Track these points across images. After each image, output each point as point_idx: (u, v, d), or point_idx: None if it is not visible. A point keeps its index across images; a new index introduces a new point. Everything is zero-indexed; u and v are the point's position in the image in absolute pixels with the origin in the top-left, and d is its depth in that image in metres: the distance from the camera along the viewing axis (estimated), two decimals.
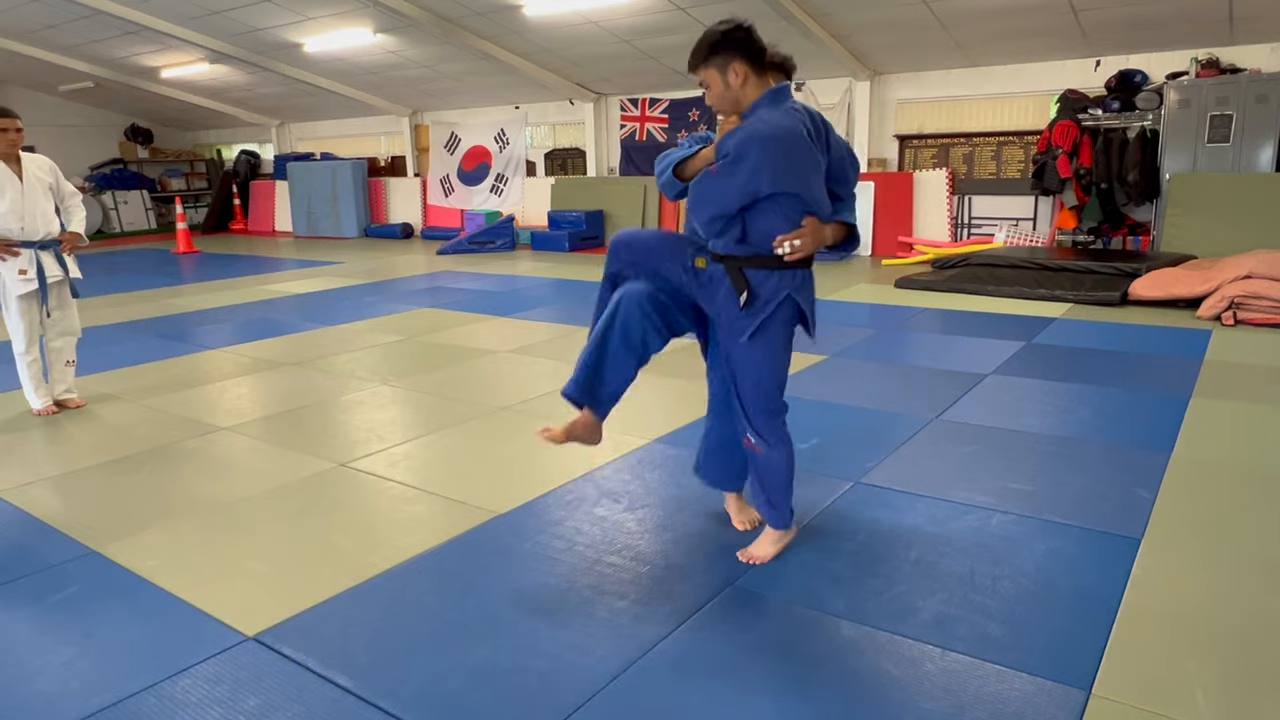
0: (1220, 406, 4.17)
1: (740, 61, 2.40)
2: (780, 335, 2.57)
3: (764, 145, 2.34)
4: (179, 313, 7.64)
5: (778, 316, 2.53)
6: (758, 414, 2.60)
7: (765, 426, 2.62)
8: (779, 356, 2.59)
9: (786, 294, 2.52)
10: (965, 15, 8.16)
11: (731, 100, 2.45)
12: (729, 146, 2.38)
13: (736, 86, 2.42)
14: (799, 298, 2.55)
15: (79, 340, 4.75)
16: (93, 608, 2.59)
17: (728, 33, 2.40)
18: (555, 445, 3.93)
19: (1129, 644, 2.24)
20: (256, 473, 3.68)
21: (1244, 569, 2.64)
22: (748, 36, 2.42)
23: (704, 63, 2.43)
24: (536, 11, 9.20)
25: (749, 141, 2.35)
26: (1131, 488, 3.23)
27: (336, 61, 12.02)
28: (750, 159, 2.35)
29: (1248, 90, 7.77)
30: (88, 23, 10.98)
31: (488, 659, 2.26)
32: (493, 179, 13.52)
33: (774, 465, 2.66)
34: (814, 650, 2.27)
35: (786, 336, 2.59)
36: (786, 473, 2.68)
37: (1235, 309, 5.94)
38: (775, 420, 2.63)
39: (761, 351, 2.55)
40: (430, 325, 6.73)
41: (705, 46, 2.42)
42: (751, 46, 2.42)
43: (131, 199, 16.17)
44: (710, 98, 2.47)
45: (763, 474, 2.68)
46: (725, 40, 2.40)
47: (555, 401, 4.56)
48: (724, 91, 2.44)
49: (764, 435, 2.62)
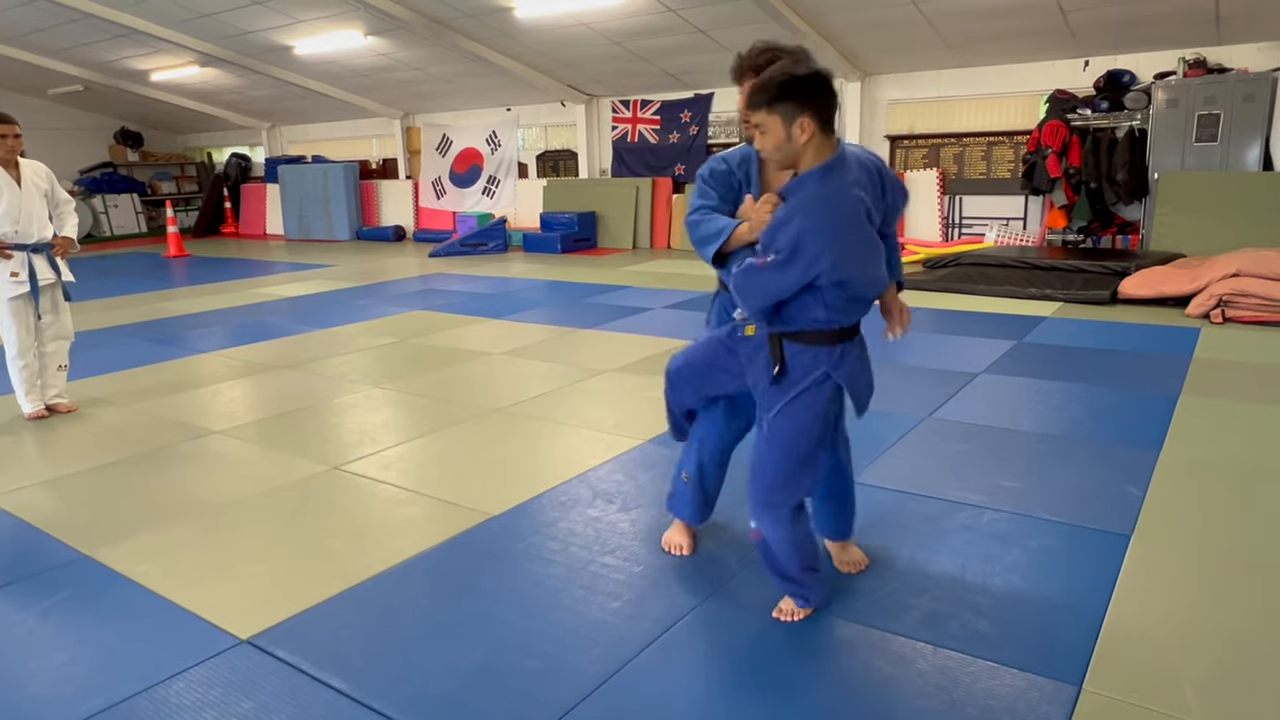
0: (1209, 404, 4.20)
1: (811, 118, 2.07)
2: (808, 419, 2.27)
3: (821, 235, 2.07)
4: (170, 316, 7.62)
5: (810, 396, 2.26)
6: (756, 498, 2.37)
7: (759, 513, 2.37)
8: (798, 444, 2.28)
9: (823, 372, 2.25)
10: (955, 16, 8.20)
11: (788, 156, 2.14)
12: (783, 240, 2.10)
13: (799, 143, 2.09)
14: (838, 376, 2.27)
15: (71, 345, 4.75)
16: (85, 612, 2.58)
17: (805, 79, 2.06)
18: (551, 447, 3.94)
19: (1119, 640, 2.26)
20: (249, 476, 3.68)
21: (1232, 565, 2.67)
22: (826, 89, 2.09)
23: (768, 105, 2.08)
24: (527, 13, 9.20)
25: (807, 234, 2.07)
26: (1121, 485, 3.25)
27: (327, 64, 12.01)
28: (806, 253, 2.07)
29: (1235, 90, 7.83)
30: (77, 26, 10.94)
31: (482, 660, 2.26)
32: (485, 181, 13.52)
33: (775, 549, 2.39)
34: (807, 649, 2.28)
35: (816, 423, 2.29)
36: (781, 558, 2.39)
37: (1223, 307, 5.98)
38: (771, 512, 2.35)
39: (784, 431, 2.29)
40: (423, 328, 6.73)
41: (775, 87, 2.07)
42: (828, 102, 2.09)
43: (121, 202, 16.12)
44: (763, 144, 2.14)
45: (764, 558, 2.44)
46: (799, 87, 2.06)
47: (548, 403, 4.57)
48: (783, 144, 2.11)
49: (760, 518, 2.38)
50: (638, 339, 6.00)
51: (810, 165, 2.13)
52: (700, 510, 2.85)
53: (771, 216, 2.25)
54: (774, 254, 2.12)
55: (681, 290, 7.96)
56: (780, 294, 2.17)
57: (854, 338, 2.30)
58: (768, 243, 2.16)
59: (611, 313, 7.03)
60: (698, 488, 2.80)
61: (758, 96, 2.10)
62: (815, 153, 2.12)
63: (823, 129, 2.10)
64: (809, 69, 2.09)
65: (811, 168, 2.13)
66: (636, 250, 11.58)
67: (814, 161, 2.12)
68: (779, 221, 2.15)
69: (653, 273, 9.35)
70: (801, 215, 2.10)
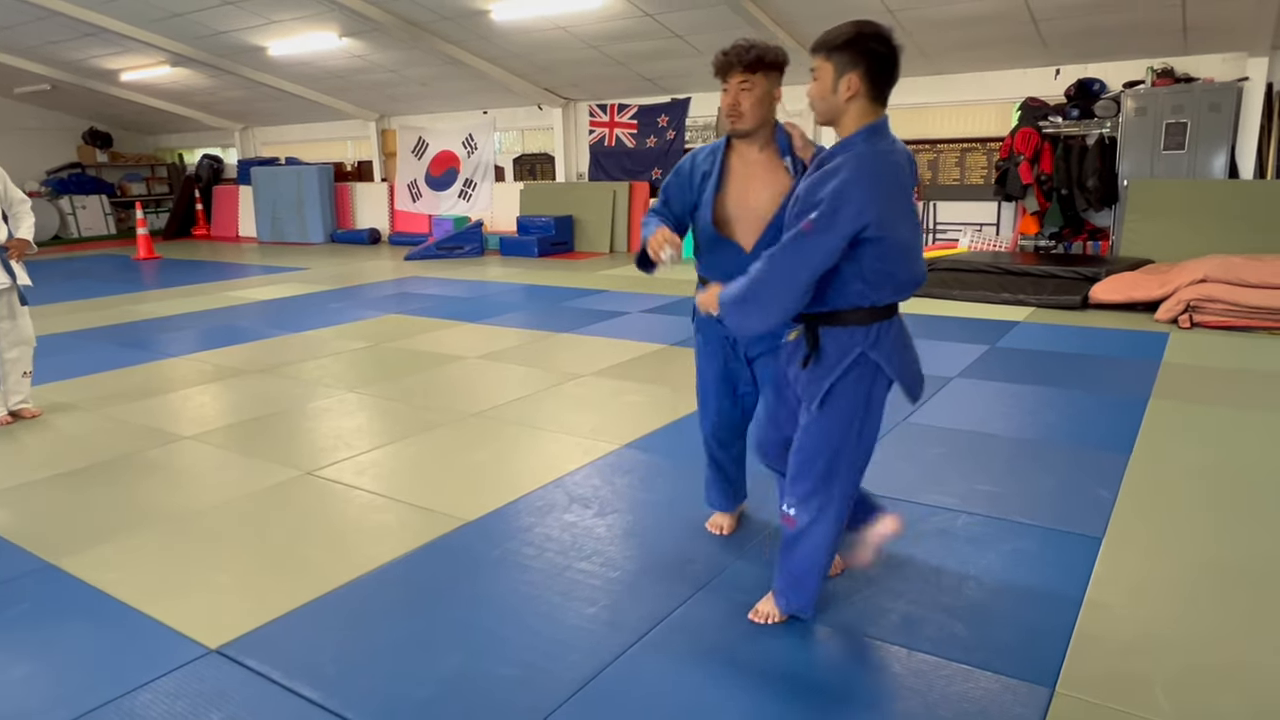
0: (1178, 408, 4.27)
1: (860, 78, 2.02)
2: (854, 406, 2.18)
3: (865, 188, 1.99)
4: (139, 320, 7.49)
5: (851, 381, 2.16)
6: (798, 490, 2.26)
7: (800, 505, 2.27)
8: (843, 435, 2.19)
9: (859, 352, 2.14)
10: (929, 24, 8.29)
11: (829, 109, 2.09)
12: (826, 192, 2.01)
13: (842, 98, 2.05)
14: (877, 355, 2.15)
15: (34, 350, 4.63)
16: (49, 622, 2.52)
17: (871, 37, 2.02)
18: (527, 452, 3.92)
19: (1091, 642, 2.28)
20: (220, 482, 3.62)
21: (1202, 567, 2.70)
22: (887, 58, 2.03)
23: (827, 51, 2.05)
24: (504, 16, 9.17)
25: (851, 185, 1.99)
26: (1093, 488, 3.29)
27: (301, 65, 11.89)
28: (851, 205, 1.99)
29: (1201, 99, 7.98)
30: (44, 24, 10.75)
31: (457, 668, 2.24)
32: (461, 184, 13.45)
33: (803, 545, 2.29)
34: (783, 653, 2.28)
35: (863, 409, 2.19)
36: (808, 557, 2.30)
37: (1191, 312, 6.08)
38: (817, 508, 2.25)
39: (826, 422, 2.19)
40: (398, 331, 6.67)
41: (840, 34, 2.03)
42: (884, 70, 2.03)
43: (90, 204, 15.84)
44: (811, 90, 2.10)
45: (788, 549, 2.33)
46: (861, 43, 2.01)
47: (524, 408, 4.55)
48: (827, 94, 2.07)
49: (799, 508, 2.27)
50: (615, 343, 5.99)
51: (851, 129, 2.07)
52: (723, 494, 2.95)
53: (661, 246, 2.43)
54: (815, 211, 2.01)
55: (659, 294, 7.96)
56: (824, 263, 2.04)
57: (891, 318, 2.19)
58: (807, 202, 2.05)
59: (588, 317, 7.01)
60: (713, 471, 2.92)
61: (821, 37, 2.07)
62: (857, 116, 2.06)
63: (871, 94, 2.04)
64: (881, 31, 2.02)
65: (853, 131, 2.07)
66: (614, 254, 11.57)
67: (855, 125, 2.07)
68: (819, 179, 2.04)
69: (630, 277, 9.35)
70: (846, 169, 2.01)
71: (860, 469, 2.28)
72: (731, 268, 2.53)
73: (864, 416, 2.21)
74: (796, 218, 2.08)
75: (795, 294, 2.09)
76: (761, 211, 2.50)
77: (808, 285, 2.08)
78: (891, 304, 2.18)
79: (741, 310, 2.16)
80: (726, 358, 2.70)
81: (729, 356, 2.70)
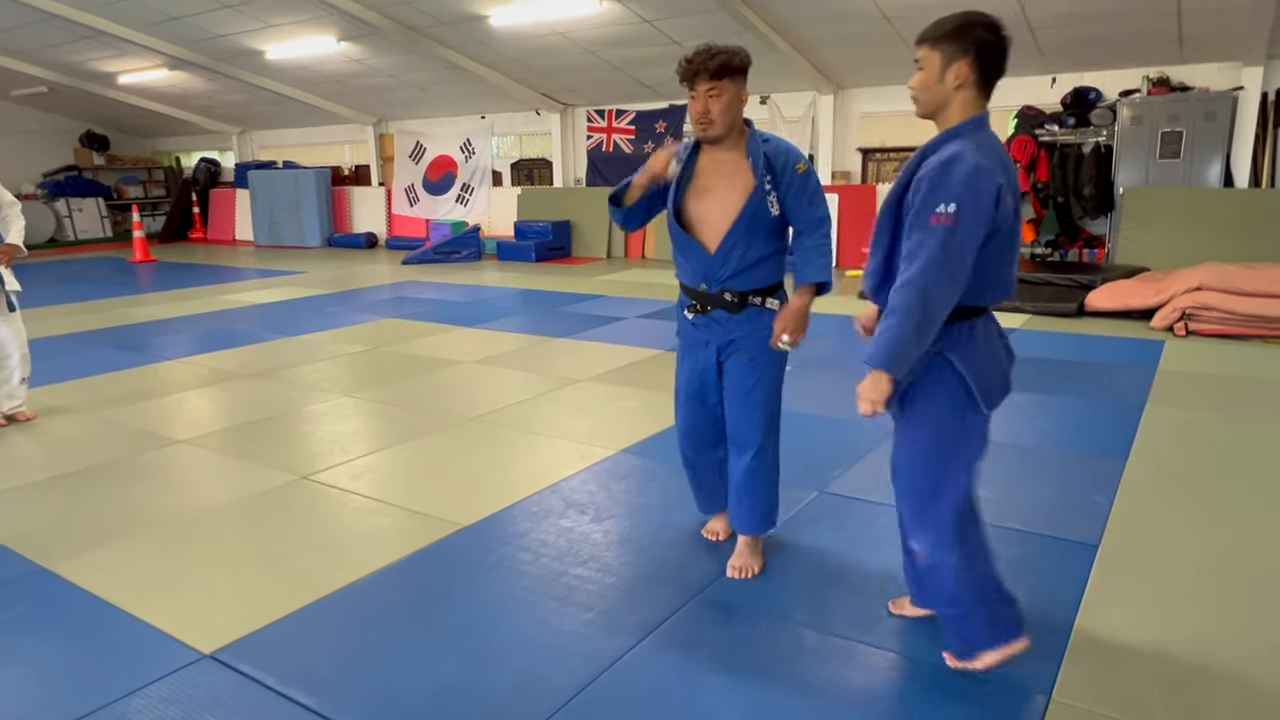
0: (1174, 415, 4.28)
1: (969, 65, 1.93)
2: (939, 413, 2.03)
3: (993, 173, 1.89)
4: (135, 323, 7.48)
5: (931, 385, 2.02)
6: (907, 516, 2.16)
7: (916, 533, 2.14)
8: (930, 446, 2.05)
9: (935, 352, 1.99)
10: None
11: (934, 100, 1.99)
12: (955, 178, 1.86)
13: (949, 87, 1.95)
14: (955, 358, 2.00)
15: (28, 354, 4.58)
16: (42, 626, 2.51)
17: (980, 24, 1.93)
18: (524, 457, 3.91)
19: (1088, 649, 2.28)
20: (215, 486, 3.61)
21: (1197, 574, 2.71)
22: (999, 45, 1.94)
23: (934, 40, 1.97)
24: (503, 22, 9.19)
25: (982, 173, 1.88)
26: (1089, 495, 3.29)
27: (300, 69, 11.90)
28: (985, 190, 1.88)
29: (1197, 108, 8.01)
30: (42, 27, 10.74)
31: (453, 673, 2.23)
32: (458, 189, 13.45)
33: (937, 578, 2.13)
34: (779, 659, 2.28)
35: (950, 415, 2.03)
36: (953, 587, 2.10)
37: (1187, 320, 6.10)
38: (931, 531, 2.09)
39: (911, 433, 2.09)
40: (395, 336, 6.66)
41: (948, 22, 1.95)
42: (995, 61, 1.95)
43: (86, 206, 15.81)
44: (915, 81, 2.01)
45: (931, 586, 2.19)
46: (971, 32, 1.93)
47: (521, 412, 4.54)
48: (932, 85, 1.97)
49: (919, 537, 2.13)
50: (611, 348, 5.99)
51: (955, 120, 1.97)
52: (706, 499, 2.95)
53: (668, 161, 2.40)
54: (947, 204, 1.85)
55: (655, 300, 7.96)
56: (974, 251, 1.89)
57: (976, 319, 2.02)
58: (933, 192, 1.88)
59: (585, 322, 7.01)
60: (689, 476, 2.93)
61: (928, 27, 1.98)
62: (963, 107, 1.96)
63: (979, 85, 1.96)
64: (991, 19, 1.93)
65: (958, 123, 1.97)
66: (611, 260, 11.58)
67: (960, 116, 1.97)
68: (940, 168, 1.89)
69: (627, 282, 9.35)
70: (970, 155, 1.88)
71: (966, 484, 2.07)
72: (699, 268, 2.57)
73: (957, 428, 2.04)
74: (920, 213, 1.91)
75: (956, 294, 1.91)
76: (726, 211, 2.51)
77: (964, 282, 1.91)
78: (978, 306, 2.02)
79: (917, 342, 1.92)
80: (701, 367, 2.68)
81: (704, 366, 2.68)
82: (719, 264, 2.53)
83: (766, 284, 2.58)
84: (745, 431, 2.65)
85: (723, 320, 2.59)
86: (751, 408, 2.62)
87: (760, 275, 2.56)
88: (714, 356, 2.65)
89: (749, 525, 2.74)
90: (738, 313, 2.57)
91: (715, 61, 2.42)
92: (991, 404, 2.06)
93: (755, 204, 2.48)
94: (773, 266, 2.58)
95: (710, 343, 2.64)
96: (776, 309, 2.58)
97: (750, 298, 2.56)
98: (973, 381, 2.01)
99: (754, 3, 8.12)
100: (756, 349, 2.58)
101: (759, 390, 2.61)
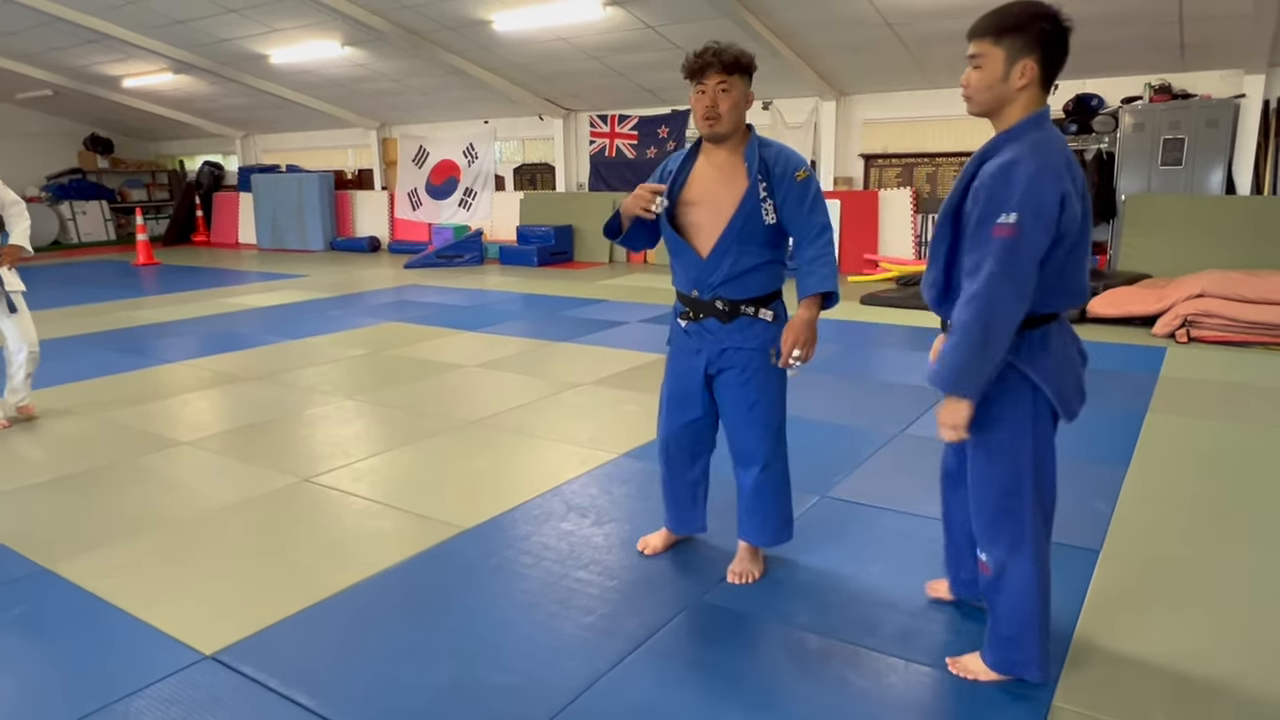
0: (1175, 422, 4.27)
1: (1036, 63, 1.83)
2: (1015, 425, 1.96)
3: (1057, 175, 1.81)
4: (137, 325, 7.49)
5: (1003, 396, 1.94)
6: (981, 529, 2.06)
7: (989, 545, 2.05)
8: (1015, 458, 1.97)
9: (1006, 363, 1.90)
10: (928, 39, 8.34)
11: (995, 99, 1.89)
12: (1016, 185, 1.78)
13: (1014, 87, 1.85)
14: (1028, 369, 1.92)
15: (36, 356, 4.58)
16: (43, 627, 2.51)
17: (1045, 16, 1.82)
18: (525, 460, 3.91)
19: (1088, 655, 2.28)
20: (216, 488, 3.61)
21: (1198, 581, 2.70)
22: (1063, 38, 1.84)
23: (996, 34, 1.85)
24: (506, 27, 9.22)
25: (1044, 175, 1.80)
26: (1090, 501, 3.29)
27: (304, 74, 11.93)
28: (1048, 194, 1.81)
29: (1198, 115, 8.03)
30: (48, 30, 10.79)
31: (454, 676, 2.23)
32: (461, 193, 13.48)
33: (1004, 590, 2.05)
34: (780, 663, 2.27)
35: (1027, 427, 1.97)
36: (1024, 604, 2.03)
37: (1188, 327, 6.10)
38: (1008, 545, 2.02)
39: (985, 445, 2.00)
40: (397, 339, 6.67)
41: (1012, 14, 1.83)
42: (1060, 52, 1.85)
43: (90, 209, 15.86)
44: (973, 78, 1.91)
45: (990, 601, 2.11)
46: (1037, 24, 1.82)
47: (522, 416, 4.55)
48: (996, 83, 1.87)
49: (988, 550, 2.06)
50: (613, 352, 5.99)
51: (1016, 118, 1.88)
52: (672, 514, 2.88)
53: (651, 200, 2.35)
54: (1007, 214, 1.77)
55: (658, 304, 7.97)
56: (1035, 263, 1.81)
57: (1045, 326, 1.94)
58: (992, 201, 1.81)
59: (587, 326, 7.02)
60: (663, 488, 2.86)
61: (987, 21, 1.86)
62: (1026, 105, 1.87)
63: (1042, 84, 1.87)
64: (1053, 10, 1.82)
65: (1018, 120, 1.88)
66: (613, 264, 11.59)
67: (1022, 114, 1.87)
68: (1000, 174, 1.81)
69: (629, 286, 9.36)
70: (1031, 156, 1.79)
71: (1046, 501, 2.03)
72: (693, 274, 2.53)
73: (1033, 439, 1.97)
74: (982, 223, 1.83)
75: (1024, 307, 1.84)
76: (720, 216, 2.45)
77: (1031, 293, 1.84)
78: (1050, 313, 1.95)
79: (983, 360, 1.86)
80: (689, 376, 2.63)
81: (692, 375, 2.62)
82: (710, 270, 2.48)
83: (759, 294, 2.50)
84: (749, 446, 2.60)
85: (714, 329, 2.53)
86: (754, 422, 2.56)
87: (753, 284, 2.49)
88: (703, 367, 2.58)
89: (761, 538, 2.70)
90: (729, 322, 2.51)
91: (729, 55, 2.39)
92: (1071, 413, 1.99)
93: (748, 208, 2.42)
94: (766, 276, 2.51)
95: (701, 351, 2.57)
96: (770, 320, 2.51)
97: (742, 307, 2.49)
98: (1050, 391, 1.93)
99: (757, 9, 8.15)
100: (750, 362, 2.51)
101: (762, 404, 2.54)
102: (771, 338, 2.51)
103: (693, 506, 2.84)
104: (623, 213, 2.55)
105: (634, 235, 2.63)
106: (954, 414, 1.91)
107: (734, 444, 2.64)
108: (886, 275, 9.38)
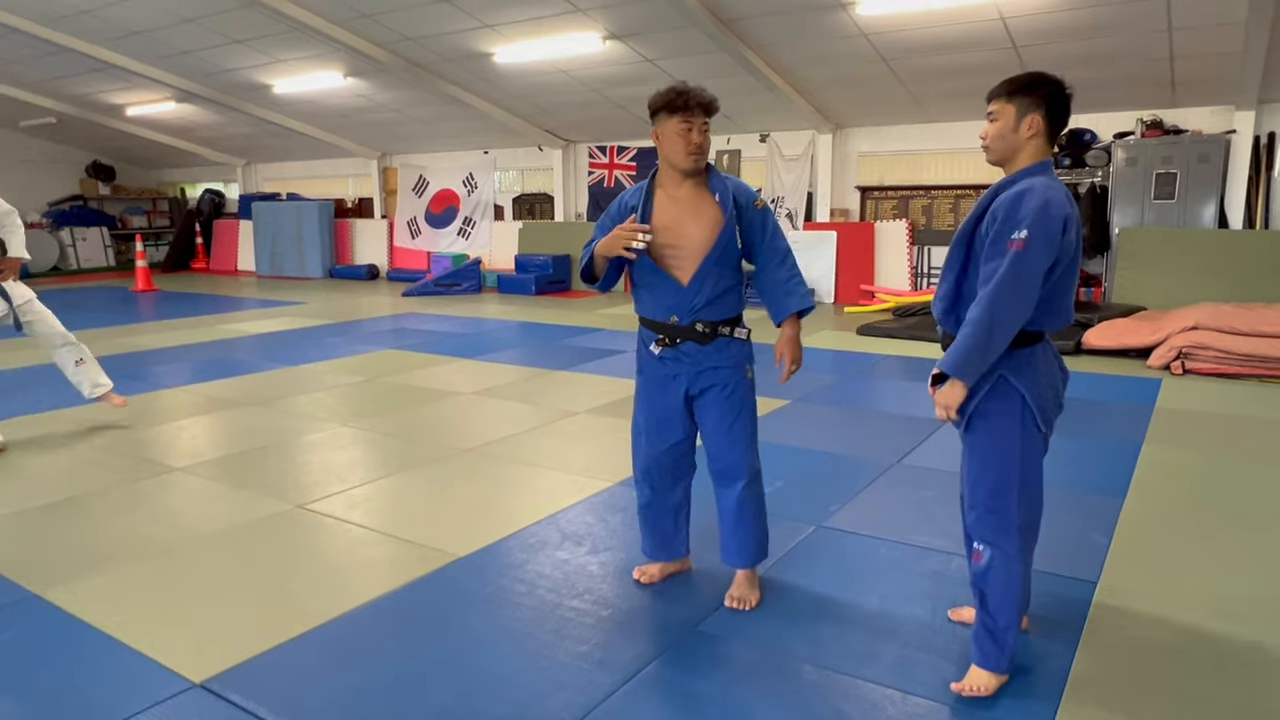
0: (1171, 453, 4.28)
1: (1042, 117, 2.17)
2: (1006, 430, 2.21)
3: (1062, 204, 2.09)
4: (134, 351, 7.49)
5: (996, 404, 2.20)
6: (973, 522, 2.29)
7: (983, 531, 2.26)
8: (1005, 459, 2.22)
9: (999, 375, 2.18)
10: (923, 74, 8.46)
11: (1008, 147, 2.22)
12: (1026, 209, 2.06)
13: (1023, 137, 2.19)
14: (1017, 380, 2.18)
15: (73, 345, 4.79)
16: (31, 653, 2.48)
17: (1051, 83, 2.19)
18: (520, 488, 3.90)
19: (1087, 685, 2.26)
20: (210, 514, 3.59)
21: (1195, 614, 2.69)
22: (1064, 102, 2.20)
23: (1009, 94, 2.21)
24: (507, 59, 9.34)
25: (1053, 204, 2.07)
26: (1087, 533, 3.28)
27: (306, 103, 12.06)
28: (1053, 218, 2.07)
29: (1190, 150, 8.13)
30: (53, 60, 10.92)
31: (447, 706, 2.20)
32: (460, 222, 13.56)
33: (991, 580, 2.25)
34: (776, 694, 2.25)
35: (1017, 435, 2.21)
36: (1007, 596, 2.23)
37: (1183, 359, 6.12)
38: (996, 540, 2.24)
39: (978, 447, 2.26)
40: (394, 366, 6.67)
41: (1022, 79, 2.21)
42: (1062, 110, 2.20)
43: (90, 236, 15.92)
44: (990, 130, 2.24)
45: (978, 592, 2.28)
46: (1042, 86, 2.18)
47: (518, 444, 4.54)
48: (1007, 134, 2.20)
49: (979, 539, 2.27)
50: (610, 381, 6.00)
51: (1025, 164, 2.20)
52: (654, 541, 2.89)
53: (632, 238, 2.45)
54: (1024, 229, 2.05)
55: None
56: (1042, 277, 2.08)
57: (1033, 346, 2.21)
58: (1008, 221, 2.08)
59: (584, 355, 7.03)
60: (642, 516, 2.88)
61: (1002, 84, 2.23)
62: (1033, 153, 2.20)
63: (1046, 137, 2.20)
64: (1057, 77, 2.20)
65: (1027, 166, 2.19)
66: (610, 294, 11.62)
67: (1030, 160, 2.20)
68: (1014, 200, 2.10)
69: (626, 315, 9.39)
70: (1042, 190, 2.09)
71: (1032, 502, 2.27)
72: (671, 302, 2.61)
73: (1021, 444, 2.22)
74: (997, 240, 2.11)
75: (1026, 313, 2.10)
76: (698, 243, 2.56)
77: (1034, 303, 2.10)
78: (1037, 332, 2.22)
79: (985, 351, 2.11)
80: (668, 401, 2.69)
81: (671, 400, 2.68)
82: (692, 295, 2.58)
83: (733, 314, 2.66)
84: (734, 462, 2.67)
85: (692, 352, 2.62)
86: (737, 439, 2.65)
87: (728, 305, 2.63)
88: (683, 390, 2.66)
89: (743, 558, 2.73)
90: (708, 343, 2.61)
91: (707, 97, 2.56)
92: (1048, 422, 2.28)
93: (728, 237, 2.57)
94: (737, 297, 2.67)
95: (679, 376, 2.65)
96: (744, 339, 2.66)
97: (720, 327, 2.62)
98: (1031, 401, 2.20)
99: (755, 44, 8.27)
100: (730, 380, 2.63)
101: (742, 419, 2.66)
102: (747, 355, 2.68)
103: (675, 532, 2.88)
104: (600, 254, 2.60)
105: (607, 277, 2.71)
106: (951, 395, 2.18)
107: (717, 462, 2.70)
108: (883, 306, 9.42)
